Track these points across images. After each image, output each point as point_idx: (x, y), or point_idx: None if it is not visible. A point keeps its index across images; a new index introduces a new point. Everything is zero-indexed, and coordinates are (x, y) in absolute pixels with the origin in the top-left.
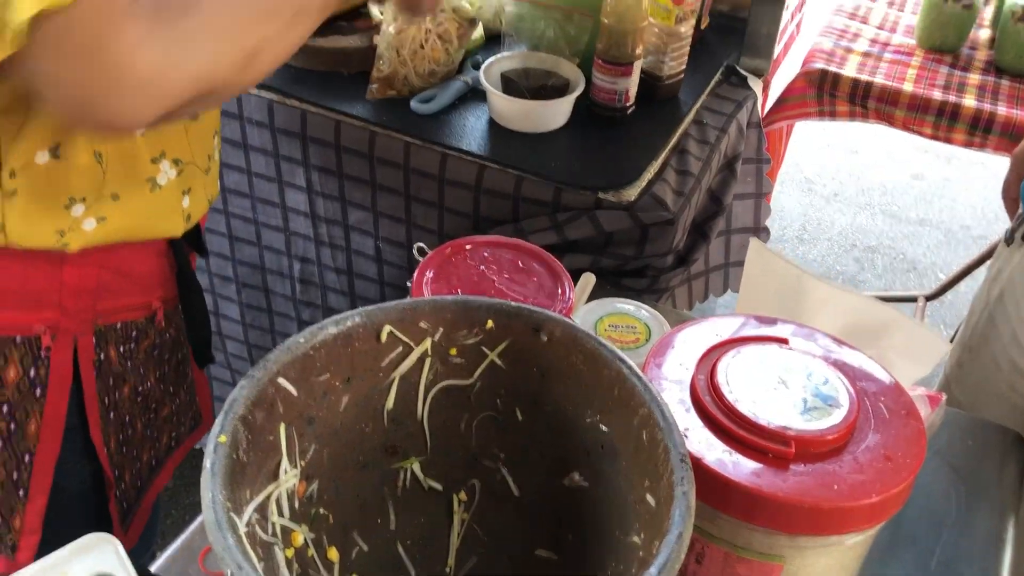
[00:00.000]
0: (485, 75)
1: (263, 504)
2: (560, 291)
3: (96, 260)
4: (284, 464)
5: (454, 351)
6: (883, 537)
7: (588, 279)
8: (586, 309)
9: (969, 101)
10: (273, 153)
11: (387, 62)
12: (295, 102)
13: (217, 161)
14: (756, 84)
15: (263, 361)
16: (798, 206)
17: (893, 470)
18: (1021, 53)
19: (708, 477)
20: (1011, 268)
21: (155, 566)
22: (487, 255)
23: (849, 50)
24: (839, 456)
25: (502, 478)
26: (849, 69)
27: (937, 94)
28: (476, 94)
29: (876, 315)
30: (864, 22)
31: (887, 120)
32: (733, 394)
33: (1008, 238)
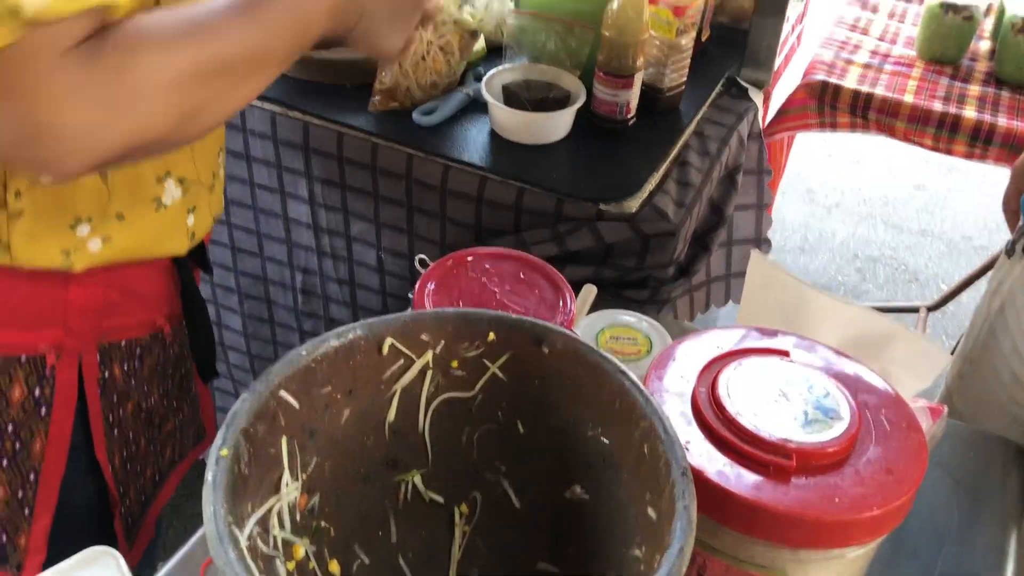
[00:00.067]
0: (487, 87)
1: (264, 517)
2: (561, 303)
3: (101, 279)
4: (286, 477)
5: (455, 363)
6: (885, 549)
7: (589, 291)
8: (587, 321)
9: (969, 112)
10: (276, 164)
11: (389, 74)
12: (298, 114)
13: (222, 178)
14: (757, 96)
15: (265, 374)
16: (799, 216)
17: (894, 483)
18: (1021, 64)
19: (709, 490)
20: (1012, 280)
21: None
22: (488, 267)
23: (850, 62)
24: (840, 469)
25: (503, 491)
26: (850, 81)
27: (938, 105)
28: (478, 106)
29: (877, 327)
30: (865, 33)
31: (888, 131)
32: (734, 407)
33: (1009, 250)
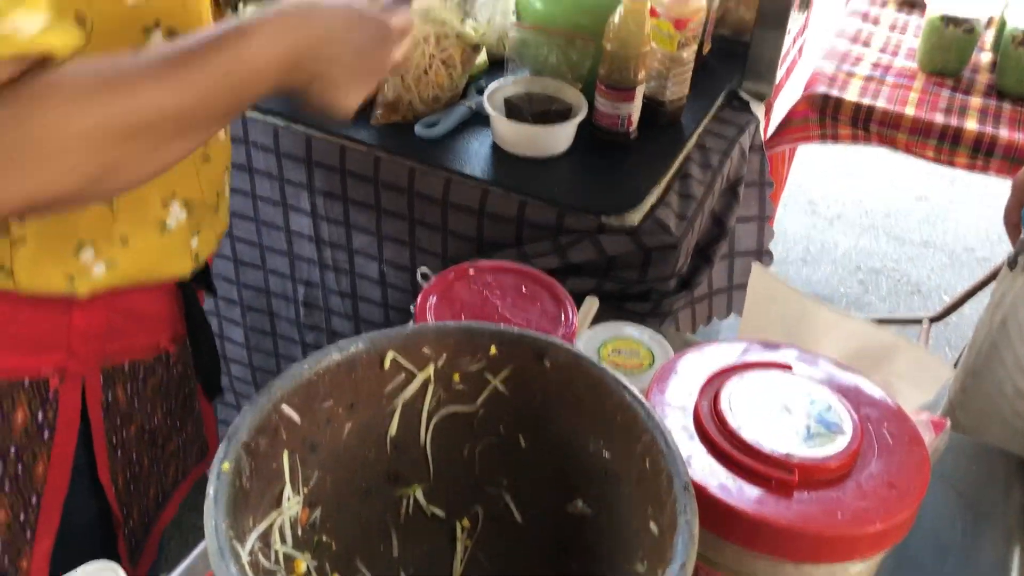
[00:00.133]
0: (488, 100)
1: (266, 531)
2: (563, 316)
3: (105, 303)
4: (287, 491)
5: (457, 377)
6: (888, 563)
7: (592, 303)
8: (590, 334)
9: (971, 125)
10: (278, 177)
11: (391, 88)
12: (300, 127)
13: (227, 196)
14: (758, 108)
15: (266, 388)
16: (801, 228)
17: (897, 498)
18: (1022, 77)
19: (711, 504)
20: (1014, 294)
21: None
22: (490, 280)
23: (851, 74)
24: (843, 483)
25: (505, 505)
26: (851, 93)
27: (939, 118)
28: (480, 119)
29: (879, 340)
30: (866, 46)
31: (889, 143)
32: (736, 421)
33: (1010, 263)
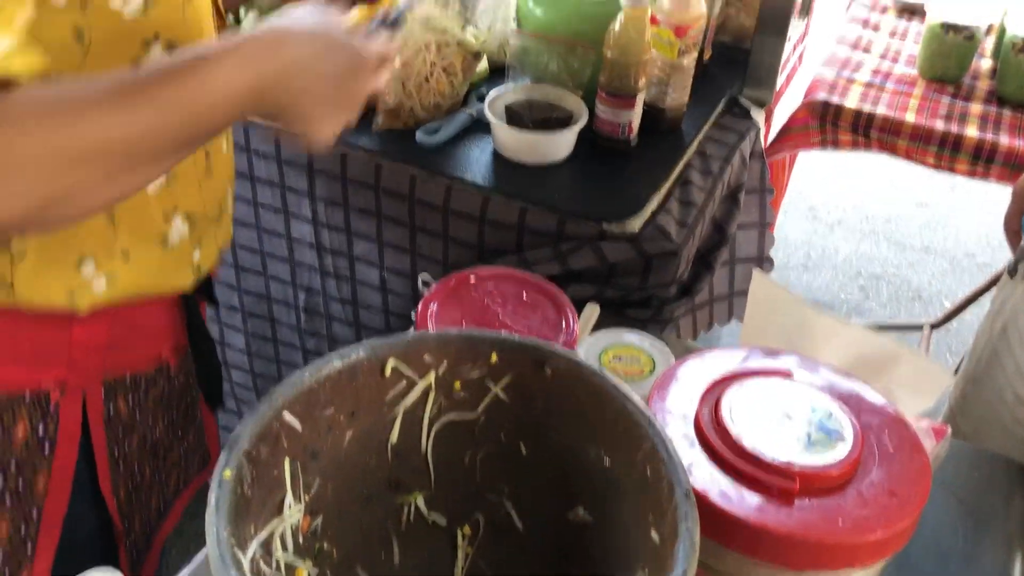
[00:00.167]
0: (489, 107)
1: (267, 539)
2: (564, 323)
3: (106, 316)
4: (288, 499)
5: (458, 385)
6: (889, 571)
7: (592, 310)
8: (591, 340)
9: (971, 131)
10: (279, 184)
11: (393, 95)
12: None
13: (230, 207)
14: (759, 115)
15: (267, 396)
16: (802, 234)
17: (898, 506)
18: (1022, 83)
19: (712, 512)
20: (1014, 301)
21: None
22: (491, 287)
23: (851, 80)
24: (843, 491)
25: (506, 512)
26: (851, 99)
27: (939, 124)
28: (480, 126)
29: (879, 347)
30: (866, 52)
31: (890, 150)
32: (737, 428)
33: (1011, 271)
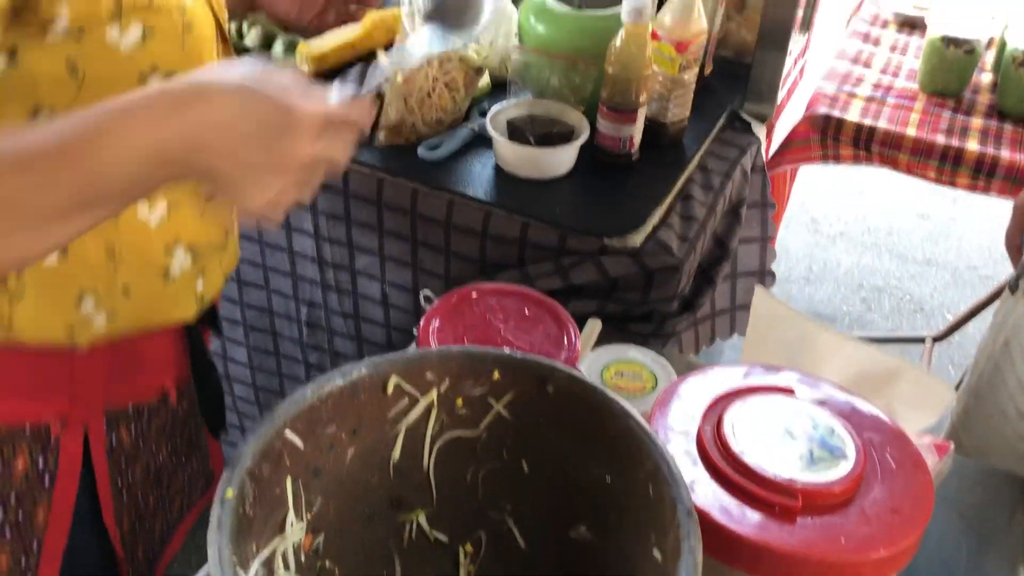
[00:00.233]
0: (491, 122)
1: (269, 558)
2: (566, 339)
3: (108, 350)
4: (290, 517)
5: (460, 402)
6: None
7: (594, 325)
8: (592, 356)
9: (972, 145)
10: None
11: (395, 110)
12: None
13: (236, 230)
14: (760, 129)
15: (269, 414)
16: (804, 246)
17: (900, 524)
18: (1023, 97)
19: (715, 530)
20: (1016, 316)
21: None
22: (493, 303)
23: (852, 95)
24: (846, 509)
25: (508, 530)
26: (852, 114)
27: (940, 138)
28: (482, 141)
29: (882, 363)
30: (867, 66)
31: (891, 164)
32: (739, 446)
33: (1012, 286)
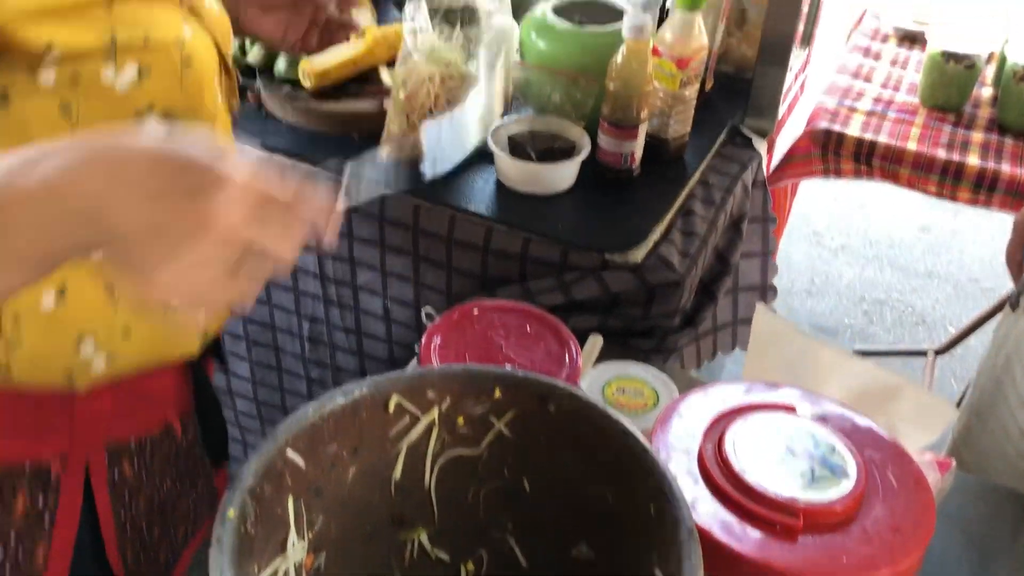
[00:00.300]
0: (493, 138)
1: None
2: (567, 356)
3: (109, 389)
4: (292, 536)
5: (461, 420)
6: None
7: (596, 341)
8: (594, 373)
9: (973, 160)
10: None
11: (397, 126)
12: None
13: None
14: (761, 144)
15: (271, 434)
16: (806, 259)
17: (902, 543)
18: (1023, 112)
19: (716, 549)
20: (1017, 334)
21: None
22: (495, 320)
23: (853, 109)
24: (847, 528)
25: (510, 549)
26: (853, 128)
27: (941, 153)
28: (484, 157)
29: (883, 381)
30: (867, 81)
31: (892, 179)
32: (740, 464)
33: (1013, 303)
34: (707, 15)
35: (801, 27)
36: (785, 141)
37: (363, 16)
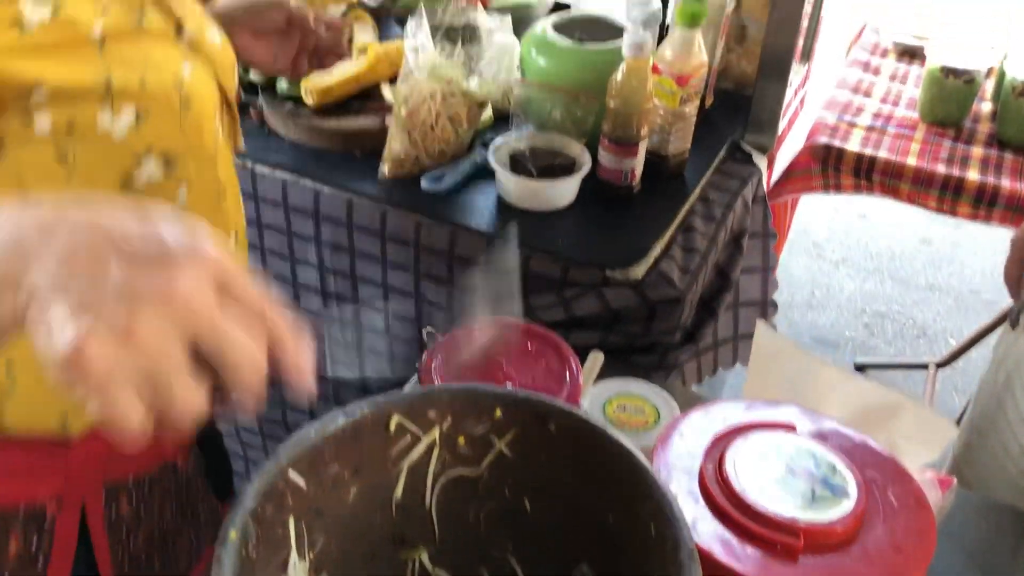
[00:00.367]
0: (494, 155)
1: None
2: (568, 375)
3: (104, 431)
4: (293, 558)
5: (462, 440)
6: None
7: (596, 358)
8: (595, 391)
9: (973, 175)
10: (286, 231)
11: (399, 143)
12: (308, 181)
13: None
14: (761, 160)
15: (273, 455)
16: (806, 272)
17: (903, 562)
18: (1023, 127)
19: (716, 569)
20: (1017, 351)
21: None
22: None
23: (853, 124)
24: (848, 548)
25: (511, 569)
26: (853, 143)
27: (941, 168)
28: (485, 173)
29: (883, 399)
30: (867, 96)
31: (892, 193)
32: (741, 484)
33: (1013, 321)
34: (707, 32)
35: (801, 42)
36: (785, 156)
37: (365, 33)
